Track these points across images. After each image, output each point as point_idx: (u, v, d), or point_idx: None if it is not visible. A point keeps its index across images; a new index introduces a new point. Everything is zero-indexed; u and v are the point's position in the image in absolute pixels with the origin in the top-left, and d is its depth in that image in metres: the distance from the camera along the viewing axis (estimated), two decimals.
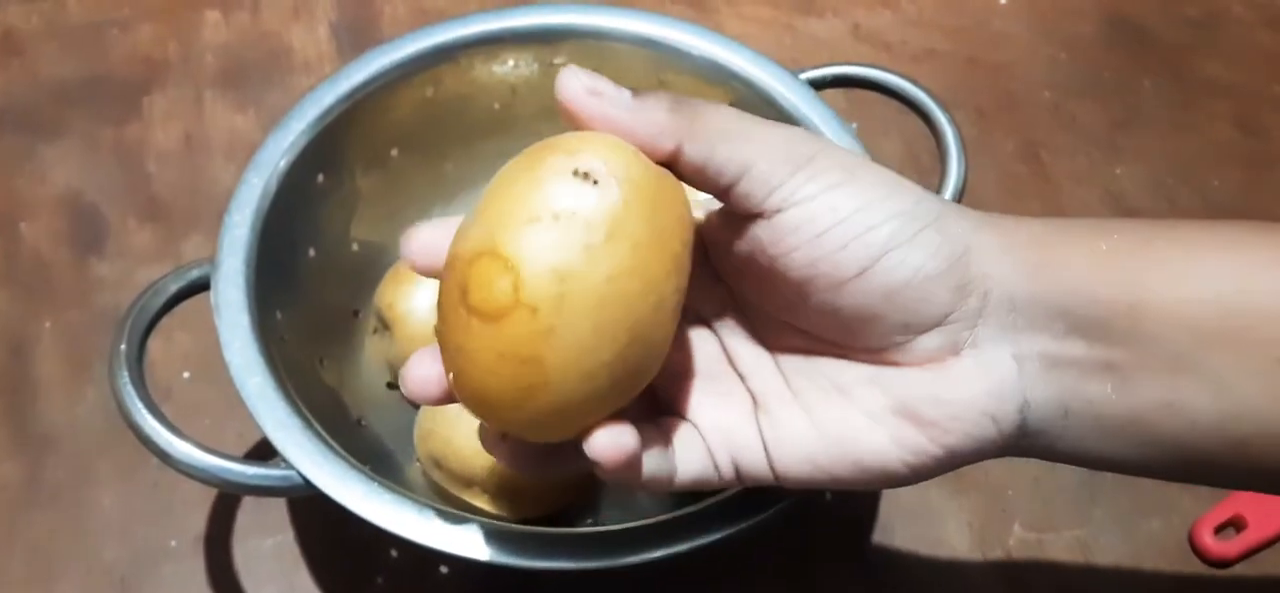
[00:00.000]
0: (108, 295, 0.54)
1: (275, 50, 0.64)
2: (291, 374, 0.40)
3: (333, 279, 0.47)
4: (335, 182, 0.46)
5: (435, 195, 0.51)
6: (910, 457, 0.31)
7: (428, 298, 0.45)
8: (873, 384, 0.31)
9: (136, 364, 0.38)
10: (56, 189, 0.58)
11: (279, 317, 0.42)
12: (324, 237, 0.46)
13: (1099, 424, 0.30)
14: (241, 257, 0.41)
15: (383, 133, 0.48)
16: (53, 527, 0.47)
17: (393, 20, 0.65)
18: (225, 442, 0.47)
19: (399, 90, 0.48)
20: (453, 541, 0.35)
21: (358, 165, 0.48)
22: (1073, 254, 0.30)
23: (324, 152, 0.45)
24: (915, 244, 0.29)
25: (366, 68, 0.47)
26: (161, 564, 0.47)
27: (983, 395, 0.30)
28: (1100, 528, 0.48)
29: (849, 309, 0.30)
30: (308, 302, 0.45)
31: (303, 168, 0.45)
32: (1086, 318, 0.30)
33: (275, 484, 0.36)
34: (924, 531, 0.48)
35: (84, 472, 0.49)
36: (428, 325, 0.45)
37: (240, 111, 0.61)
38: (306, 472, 0.36)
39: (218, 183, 0.58)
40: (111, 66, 0.63)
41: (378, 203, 0.49)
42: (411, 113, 0.48)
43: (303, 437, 0.36)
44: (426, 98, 0.48)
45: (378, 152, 0.48)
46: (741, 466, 0.32)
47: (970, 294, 0.30)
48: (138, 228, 0.57)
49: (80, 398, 0.51)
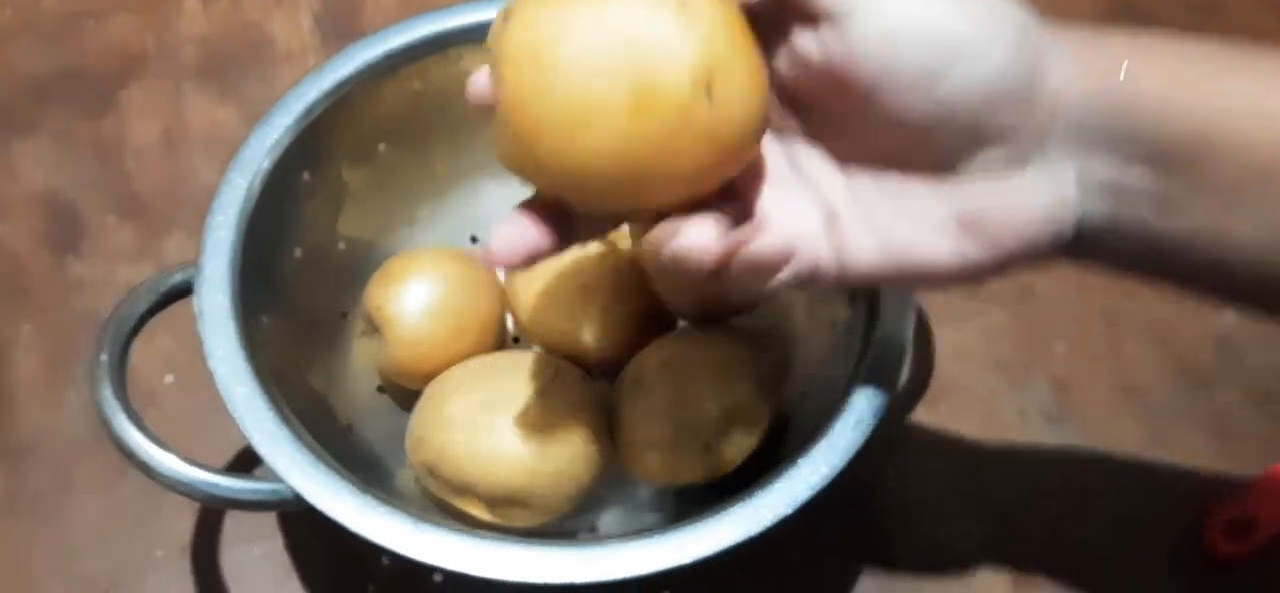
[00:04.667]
0: (87, 297, 0.53)
1: (256, 41, 0.62)
2: (278, 380, 0.39)
3: (319, 280, 0.46)
4: (321, 179, 0.45)
5: (425, 191, 0.49)
6: (968, 264, 0.31)
7: (419, 298, 0.44)
8: (935, 197, 0.31)
9: (118, 374, 0.36)
10: (32, 187, 0.56)
11: (264, 321, 0.40)
12: (310, 236, 0.45)
13: (1144, 241, 0.31)
14: (225, 260, 0.40)
15: (369, 128, 0.47)
16: (32, 538, 0.46)
17: (376, 10, 0.64)
18: (211, 448, 0.46)
19: (386, 84, 0.46)
20: (449, 555, 0.34)
21: (344, 162, 0.46)
22: (1149, 81, 0.30)
23: (309, 148, 0.44)
24: (988, 52, 0.29)
25: (352, 61, 0.45)
26: (146, 576, 0.46)
27: (1045, 208, 0.31)
28: (1108, 528, 0.47)
29: (917, 117, 0.30)
30: (293, 304, 0.43)
31: (287, 166, 0.43)
32: (1154, 147, 0.30)
33: (264, 498, 0.35)
34: (930, 531, 0.47)
35: (65, 480, 0.48)
36: (420, 327, 0.43)
37: (221, 104, 0.60)
38: (297, 485, 0.35)
39: (199, 178, 0.57)
40: (87, 59, 0.61)
41: (365, 200, 0.48)
42: (399, 107, 0.47)
43: (292, 448, 0.35)
44: (414, 91, 0.47)
45: (364, 147, 0.47)
46: (817, 268, 0.32)
47: (1040, 109, 0.30)
48: (117, 226, 0.55)
49: (60, 403, 0.50)
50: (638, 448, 0.41)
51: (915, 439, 0.49)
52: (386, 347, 0.44)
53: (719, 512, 0.35)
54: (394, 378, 0.45)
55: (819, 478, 0.36)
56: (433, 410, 0.41)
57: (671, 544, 0.35)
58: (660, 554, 0.35)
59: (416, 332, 0.43)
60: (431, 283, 0.44)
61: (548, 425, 0.39)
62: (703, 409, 0.40)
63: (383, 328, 0.44)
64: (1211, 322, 0.53)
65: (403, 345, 0.43)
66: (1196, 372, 0.52)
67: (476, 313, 0.45)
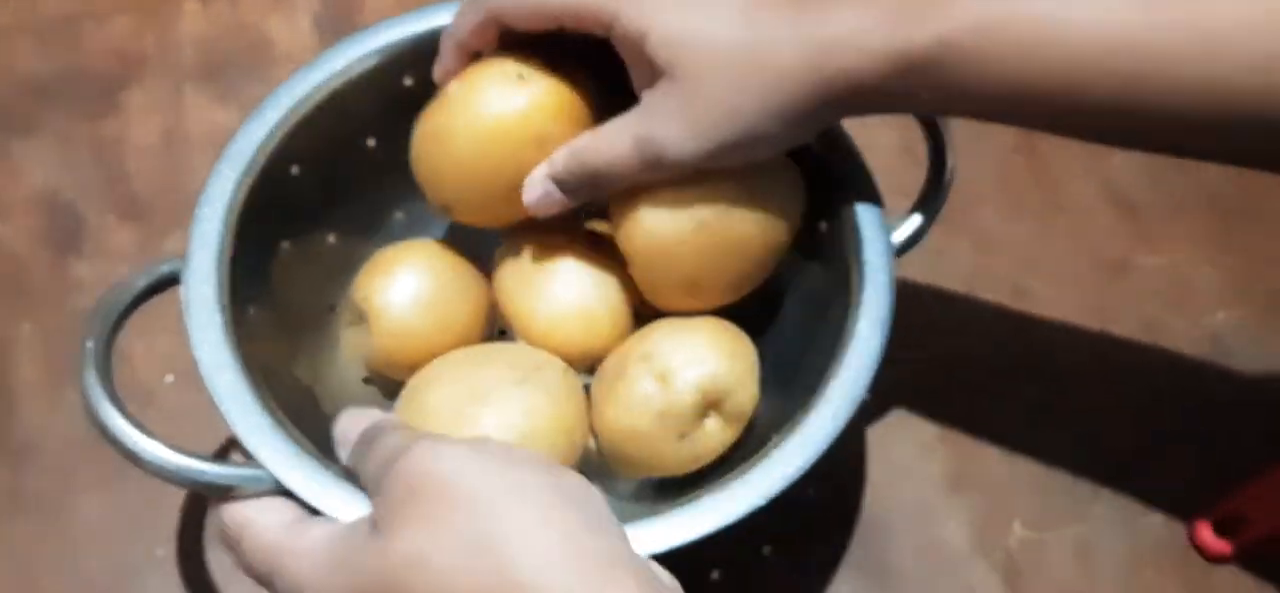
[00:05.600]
0: (87, 297, 0.53)
1: (255, 42, 0.63)
2: (264, 372, 0.39)
3: (307, 273, 0.46)
4: (310, 173, 0.45)
5: (414, 186, 0.49)
6: None
7: (407, 290, 0.44)
8: None
9: (103, 361, 0.36)
10: (32, 187, 0.57)
11: (252, 312, 0.40)
12: (298, 229, 0.45)
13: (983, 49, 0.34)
14: (213, 251, 0.40)
15: (359, 122, 0.47)
16: (34, 537, 0.46)
17: (375, 10, 0.64)
18: (208, 446, 0.46)
19: (376, 79, 0.46)
20: None
21: (334, 156, 0.46)
22: None
23: (299, 142, 0.44)
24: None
25: (343, 56, 0.45)
26: (147, 576, 0.46)
27: None
28: (1100, 525, 0.47)
29: None
30: (281, 297, 0.43)
31: (277, 159, 0.43)
32: None
33: (246, 484, 0.35)
34: (923, 530, 0.47)
35: (66, 479, 0.48)
36: (406, 318, 0.43)
37: (221, 105, 0.60)
38: (277, 471, 0.34)
39: (198, 179, 0.56)
40: (87, 60, 0.62)
41: (354, 194, 0.48)
42: (389, 101, 0.47)
43: (274, 436, 0.35)
44: (405, 87, 0.47)
45: (355, 142, 0.47)
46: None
47: None
48: (117, 227, 0.55)
49: (60, 403, 0.50)
50: (617, 439, 0.41)
51: (908, 437, 0.49)
52: (373, 337, 0.44)
53: (692, 502, 0.35)
54: (380, 369, 0.45)
55: (794, 469, 0.36)
56: (415, 402, 0.40)
57: (642, 532, 0.34)
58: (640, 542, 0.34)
59: (403, 323, 0.43)
60: (419, 275, 0.44)
61: (528, 417, 0.39)
62: (681, 401, 0.40)
63: (370, 318, 0.44)
64: (1203, 320, 0.53)
65: (389, 336, 0.43)
66: (1187, 370, 0.52)
67: (463, 306, 0.45)
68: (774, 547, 0.47)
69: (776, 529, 0.46)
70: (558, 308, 0.43)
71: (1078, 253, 0.56)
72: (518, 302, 0.44)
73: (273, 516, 0.33)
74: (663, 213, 0.40)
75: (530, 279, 0.44)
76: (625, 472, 0.43)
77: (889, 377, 0.48)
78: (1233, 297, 0.54)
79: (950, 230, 0.53)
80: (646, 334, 0.43)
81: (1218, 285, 0.55)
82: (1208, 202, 0.58)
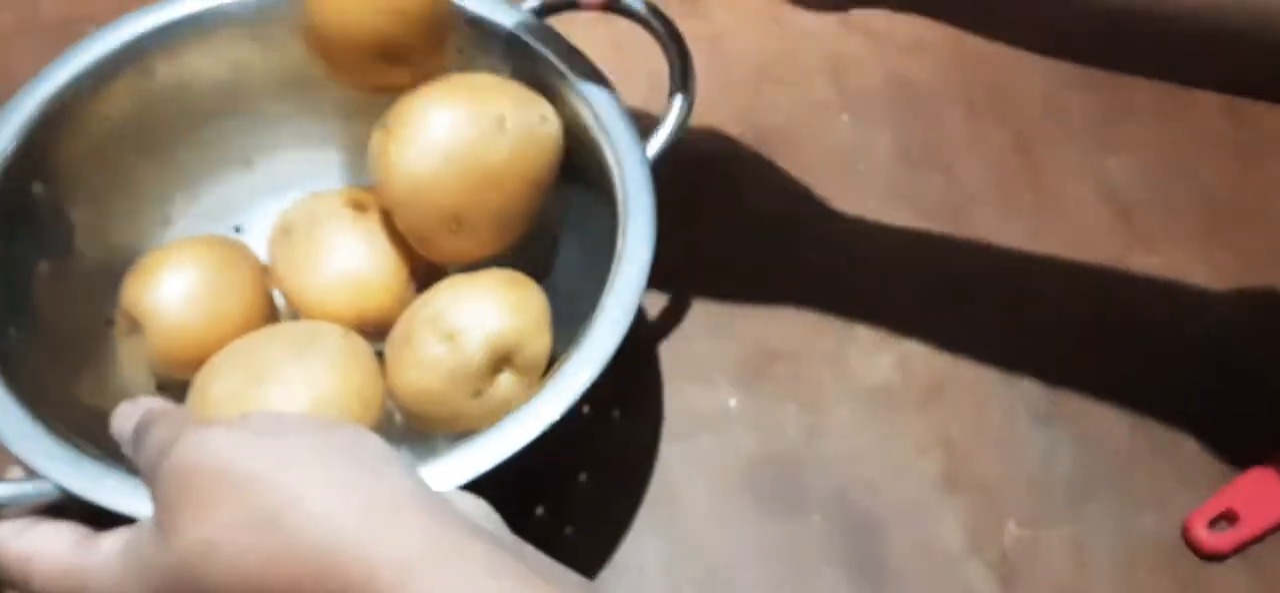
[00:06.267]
0: None
1: None
2: (41, 400, 0.38)
3: (73, 291, 0.45)
4: (56, 188, 0.44)
5: (173, 184, 0.49)
6: None
7: (175, 288, 0.43)
8: None
9: None
10: None
11: (13, 334, 0.39)
12: (56, 248, 0.44)
13: None
14: None
15: (101, 129, 0.46)
16: None
17: None
18: None
19: (110, 85, 0.46)
20: None
21: (80, 167, 0.45)
22: None
23: (37, 159, 0.43)
24: None
25: (68, 67, 0.45)
26: None
27: None
28: (1094, 524, 0.47)
29: None
30: (48, 319, 0.43)
31: (15, 179, 0.42)
32: None
33: (28, 497, 0.34)
34: (918, 529, 0.47)
35: None
36: (178, 316, 0.43)
37: None
38: (61, 478, 0.34)
39: None
40: None
41: (110, 205, 0.47)
42: (129, 105, 0.46)
43: (52, 445, 0.35)
44: (141, 88, 0.46)
45: (100, 149, 0.46)
46: None
47: None
48: None
49: None
50: (413, 402, 0.42)
51: (903, 437, 0.49)
52: (149, 342, 0.43)
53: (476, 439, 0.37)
54: (165, 372, 0.44)
55: (575, 392, 0.38)
56: (200, 397, 0.40)
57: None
58: None
59: (177, 322, 0.43)
60: (185, 271, 0.43)
61: (312, 387, 0.39)
62: (471, 360, 0.41)
63: (142, 323, 0.43)
64: (1198, 319, 0.54)
65: (164, 337, 0.43)
66: (1181, 369, 0.52)
67: (237, 296, 0.44)
68: (765, 545, 0.46)
69: (768, 529, 0.47)
70: (327, 277, 0.44)
71: (1073, 253, 0.55)
72: (291, 279, 0.45)
73: (56, 540, 0.32)
74: (410, 151, 0.41)
75: (301, 256, 0.45)
76: (430, 430, 0.43)
77: (883, 377, 0.50)
78: (1228, 296, 0.54)
79: (947, 230, 0.55)
80: (432, 296, 0.43)
81: (1213, 285, 0.54)
82: (1203, 202, 0.58)
